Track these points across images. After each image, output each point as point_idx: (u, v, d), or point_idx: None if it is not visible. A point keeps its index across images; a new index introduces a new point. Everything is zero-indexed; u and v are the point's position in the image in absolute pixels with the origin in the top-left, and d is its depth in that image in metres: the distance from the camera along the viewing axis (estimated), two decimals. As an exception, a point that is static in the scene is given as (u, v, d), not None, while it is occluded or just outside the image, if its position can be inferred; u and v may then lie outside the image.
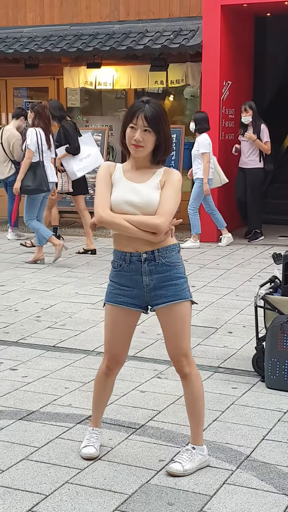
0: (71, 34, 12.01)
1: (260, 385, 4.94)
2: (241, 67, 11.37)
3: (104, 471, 3.72)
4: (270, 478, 3.66)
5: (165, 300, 3.66)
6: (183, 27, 11.35)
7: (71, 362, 5.44)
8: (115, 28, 11.86)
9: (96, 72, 11.95)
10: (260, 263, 9.05)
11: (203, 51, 10.56)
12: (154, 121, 3.55)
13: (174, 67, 11.42)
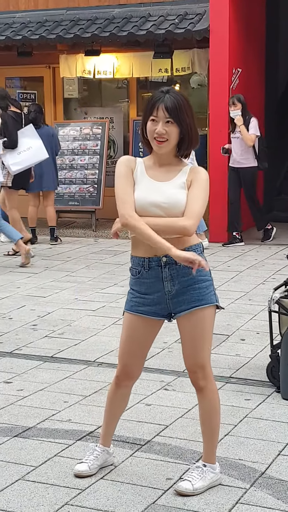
0: (67, 19, 12.03)
1: (275, 396, 4.94)
2: (252, 53, 11.37)
3: (107, 491, 3.72)
4: (287, 496, 3.65)
5: (188, 306, 3.63)
6: (189, 10, 11.36)
7: (71, 374, 5.44)
8: (115, 12, 11.87)
9: (95, 60, 11.96)
10: (275, 264, 9.04)
11: (210, 36, 10.56)
12: (176, 112, 3.52)
13: (180, 54, 11.42)
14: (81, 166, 11.93)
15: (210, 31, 10.57)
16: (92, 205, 11.82)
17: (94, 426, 4.50)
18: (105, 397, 4.93)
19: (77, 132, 12.00)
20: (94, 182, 11.85)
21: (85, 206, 11.87)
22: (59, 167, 11.63)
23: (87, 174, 11.91)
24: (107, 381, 5.26)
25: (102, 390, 5.09)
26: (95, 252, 10.20)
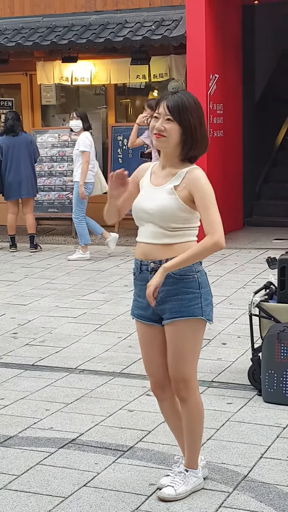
0: (44, 26, 12.03)
1: (257, 400, 4.95)
2: (229, 58, 11.42)
3: (90, 499, 3.71)
4: (270, 499, 3.66)
5: (169, 316, 3.59)
6: (165, 17, 11.39)
7: (52, 382, 5.43)
8: (92, 19, 11.89)
9: (72, 67, 11.98)
10: (255, 268, 9.08)
11: (187, 42, 10.60)
12: (178, 110, 3.51)
13: (157, 60, 11.46)
14: (60, 173, 11.92)
15: (187, 37, 10.60)
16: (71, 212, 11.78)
17: (77, 434, 4.49)
18: (88, 404, 4.95)
19: (56, 139, 12.00)
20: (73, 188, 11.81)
21: (64, 213, 11.85)
22: (38, 174, 11.62)
23: (66, 181, 11.90)
24: (89, 388, 5.26)
25: (84, 397, 5.08)
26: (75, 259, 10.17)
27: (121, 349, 6.15)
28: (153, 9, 11.69)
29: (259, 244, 10.73)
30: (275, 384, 4.84)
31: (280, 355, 4.81)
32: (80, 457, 4.18)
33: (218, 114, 11.07)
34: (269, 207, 12.55)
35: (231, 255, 10.03)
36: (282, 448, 4.22)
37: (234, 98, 11.71)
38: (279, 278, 5.11)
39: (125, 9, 11.90)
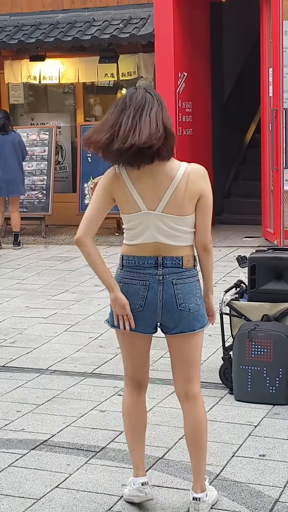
0: (11, 25, 11.98)
1: (228, 398, 4.97)
2: (197, 57, 11.45)
3: (62, 500, 3.71)
4: (242, 497, 3.69)
5: None
6: (133, 15, 11.40)
7: (23, 383, 5.41)
8: (59, 17, 11.86)
9: (40, 66, 11.95)
10: (225, 266, 9.11)
11: (155, 40, 10.62)
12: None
13: (125, 58, 11.47)
14: (29, 172, 11.87)
15: (155, 35, 10.62)
16: (41, 211, 11.79)
17: (48, 435, 4.48)
18: (59, 404, 4.94)
19: (24, 138, 11.92)
20: (42, 188, 11.81)
21: (34, 212, 11.83)
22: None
23: (35, 180, 11.87)
24: (60, 388, 5.25)
25: (55, 398, 5.08)
26: (45, 258, 10.16)
27: (92, 349, 6.15)
28: (121, 7, 11.69)
29: (229, 242, 10.78)
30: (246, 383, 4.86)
31: (251, 353, 4.84)
32: (52, 459, 4.17)
33: (187, 112, 11.10)
34: (239, 205, 12.60)
35: (201, 254, 10.03)
36: (254, 447, 4.25)
37: (203, 96, 11.75)
38: (249, 277, 5.13)
39: (92, 7, 11.89)
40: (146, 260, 3.43)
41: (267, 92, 10.29)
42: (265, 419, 4.62)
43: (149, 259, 3.43)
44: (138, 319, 3.46)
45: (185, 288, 3.46)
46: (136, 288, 3.43)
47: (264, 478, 3.88)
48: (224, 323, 5.19)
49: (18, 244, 11.01)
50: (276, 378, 4.79)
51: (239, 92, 13.36)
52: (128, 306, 3.40)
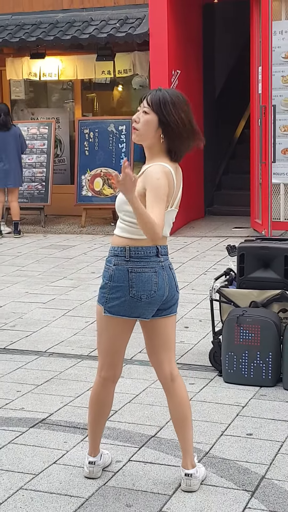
0: (12, 24, 11.91)
1: (217, 380, 4.98)
2: (190, 55, 11.41)
3: (59, 475, 3.71)
4: (230, 474, 3.70)
5: None
6: (129, 15, 11.35)
7: (23, 364, 5.41)
8: (59, 17, 11.81)
9: (40, 63, 11.89)
10: (215, 255, 9.11)
11: (150, 39, 10.57)
12: (157, 102, 3.35)
13: (121, 56, 11.43)
14: (29, 164, 11.84)
15: (150, 34, 10.57)
16: (41, 202, 11.76)
17: (46, 414, 4.48)
18: (57, 385, 4.94)
19: (25, 132, 11.88)
20: (42, 180, 11.77)
21: (34, 203, 11.80)
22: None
23: (35, 172, 11.83)
24: (58, 370, 5.25)
25: (53, 379, 5.07)
26: (44, 247, 10.14)
27: (89, 333, 6.14)
28: (117, 8, 11.64)
29: (219, 233, 10.77)
30: (234, 365, 4.87)
31: (240, 337, 4.84)
32: (50, 436, 4.17)
33: (180, 108, 11.03)
34: (229, 197, 12.59)
35: (193, 243, 10.05)
36: (242, 426, 4.26)
37: (195, 93, 11.69)
38: (238, 265, 5.13)
39: (90, 8, 11.83)
40: (151, 250, 3.43)
41: (257, 90, 10.26)
42: (252, 400, 4.63)
43: (153, 249, 3.44)
44: (148, 305, 3.44)
45: (174, 272, 3.57)
46: (148, 275, 3.41)
47: (251, 456, 3.89)
48: (214, 309, 5.19)
49: (18, 233, 11.00)
50: (263, 361, 4.79)
51: (230, 89, 13.32)
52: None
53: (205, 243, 10.06)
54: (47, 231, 11.38)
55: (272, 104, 9.67)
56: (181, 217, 11.03)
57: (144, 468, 3.77)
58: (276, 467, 3.76)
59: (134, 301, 3.41)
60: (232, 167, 13.32)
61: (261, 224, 10.14)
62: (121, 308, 3.43)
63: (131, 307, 3.42)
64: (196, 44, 11.76)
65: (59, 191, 11.94)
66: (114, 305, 3.43)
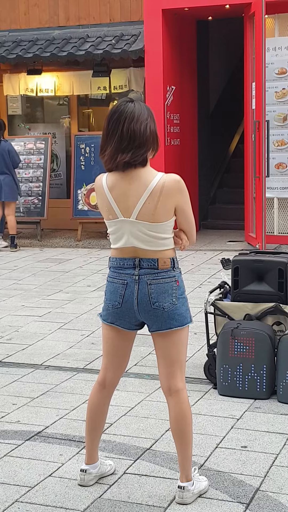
0: (10, 40, 11.96)
1: (212, 393, 4.96)
2: (185, 71, 11.46)
3: (55, 488, 3.69)
4: (225, 486, 3.68)
5: None
6: (125, 32, 11.40)
7: (19, 377, 5.39)
8: (55, 33, 11.85)
9: (37, 79, 11.94)
10: (210, 268, 9.11)
11: (145, 56, 10.62)
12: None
13: (117, 72, 11.47)
14: (26, 179, 11.85)
15: (145, 51, 10.62)
16: (37, 216, 11.77)
17: (42, 427, 4.46)
18: (53, 398, 4.92)
19: (22, 147, 11.92)
20: (38, 194, 11.78)
21: (30, 217, 11.80)
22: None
23: (32, 186, 11.84)
24: (54, 383, 5.23)
25: (49, 392, 5.05)
26: (40, 260, 10.13)
27: (84, 346, 6.13)
28: (113, 25, 11.69)
29: (214, 246, 10.78)
30: (229, 378, 4.86)
31: (234, 350, 4.83)
32: (46, 449, 4.15)
33: (175, 123, 11.10)
34: (223, 211, 12.62)
35: (187, 256, 10.06)
36: (236, 439, 4.24)
37: (190, 109, 11.75)
38: (232, 278, 5.13)
39: (86, 24, 11.88)
40: (126, 262, 3.45)
41: (250, 105, 10.30)
42: (247, 413, 4.61)
43: (128, 260, 3.44)
44: (118, 315, 3.51)
45: (160, 288, 3.43)
46: (116, 286, 3.47)
47: (246, 468, 3.87)
48: (209, 322, 5.18)
49: (15, 246, 11.00)
50: (257, 374, 4.78)
51: (224, 104, 13.39)
52: None
53: (200, 256, 10.06)
54: (44, 244, 11.38)
55: (265, 119, 9.70)
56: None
57: (140, 480, 3.75)
58: (270, 479, 3.74)
59: (106, 308, 3.56)
60: (226, 181, 13.35)
61: (255, 237, 10.15)
62: (103, 313, 3.60)
63: (107, 314, 3.56)
64: (191, 60, 11.82)
65: (56, 205, 11.96)
66: (102, 309, 3.61)
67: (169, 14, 10.63)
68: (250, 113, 10.37)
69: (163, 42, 10.55)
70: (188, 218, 3.47)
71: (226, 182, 13.35)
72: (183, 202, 3.42)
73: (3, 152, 10.85)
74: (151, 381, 5.20)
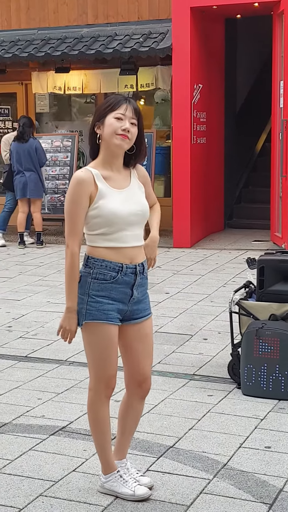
0: (38, 39, 12.01)
1: (236, 392, 4.96)
2: (212, 69, 11.43)
3: (79, 483, 3.71)
4: (248, 486, 3.68)
5: (145, 314, 3.52)
6: (153, 30, 11.40)
7: (44, 373, 5.42)
8: (84, 31, 11.88)
9: (65, 77, 11.97)
10: (235, 268, 9.09)
11: (173, 54, 10.61)
12: (138, 116, 3.41)
13: (144, 70, 11.47)
14: (52, 176, 11.91)
15: (173, 49, 10.61)
16: (63, 213, 11.74)
17: (66, 422, 4.49)
18: (77, 393, 4.95)
19: (48, 145, 11.97)
20: (64, 191, 11.82)
21: (56, 214, 11.85)
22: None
23: (58, 184, 11.89)
24: (78, 379, 5.26)
25: (73, 388, 5.08)
26: (66, 257, 10.16)
27: (109, 343, 6.13)
28: (141, 23, 11.69)
29: (239, 245, 10.75)
30: (253, 378, 4.85)
31: (258, 350, 4.82)
32: (70, 444, 4.18)
33: (201, 122, 11.08)
34: (249, 210, 12.58)
35: (212, 255, 10.05)
36: (260, 439, 4.24)
37: (217, 107, 11.73)
38: (258, 278, 5.11)
39: (115, 23, 11.89)
40: None
41: (278, 104, 10.26)
42: (271, 413, 4.60)
43: None
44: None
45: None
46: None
47: (269, 468, 3.87)
48: (233, 322, 5.18)
49: (41, 243, 11.07)
50: (282, 374, 4.77)
51: (251, 103, 13.33)
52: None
53: (225, 255, 10.05)
54: (47, 241, 11.44)
55: (293, 118, 9.65)
56: (201, 230, 11.07)
57: (162, 478, 3.77)
58: (293, 480, 3.73)
59: None
60: (253, 180, 13.30)
61: (281, 237, 10.11)
62: None
63: None
64: (218, 58, 11.79)
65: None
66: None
67: (197, 12, 10.62)
68: (277, 111, 10.33)
69: (191, 40, 10.53)
70: None
71: (252, 181, 13.30)
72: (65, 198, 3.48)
73: (30, 150, 10.92)
74: (175, 379, 5.21)
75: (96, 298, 3.42)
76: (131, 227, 3.42)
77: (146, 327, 3.55)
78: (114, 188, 3.40)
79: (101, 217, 3.36)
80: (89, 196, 3.35)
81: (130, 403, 3.63)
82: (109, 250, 3.42)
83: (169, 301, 7.48)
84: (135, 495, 3.51)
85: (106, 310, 3.42)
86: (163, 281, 8.43)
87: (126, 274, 3.43)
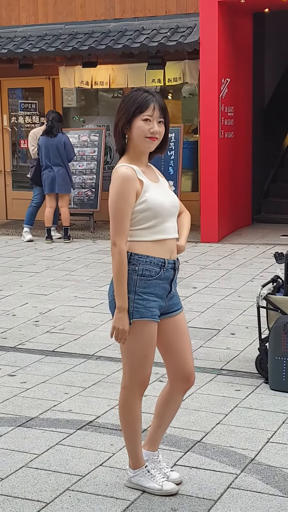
0: (65, 33, 12.02)
1: (263, 387, 4.93)
2: (240, 64, 11.37)
3: (105, 478, 3.71)
4: (276, 481, 3.65)
5: (178, 307, 3.53)
6: (180, 24, 11.35)
7: (71, 367, 5.43)
8: (111, 26, 11.87)
9: (92, 71, 11.96)
10: (262, 263, 9.04)
11: (200, 48, 10.56)
12: (165, 113, 3.40)
13: (172, 65, 11.43)
14: (79, 171, 11.92)
15: (200, 43, 10.56)
16: (90, 208, 11.83)
17: (93, 416, 4.49)
18: (104, 388, 4.95)
19: (76, 140, 11.99)
20: (92, 186, 11.85)
21: (83, 209, 11.88)
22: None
23: (85, 179, 11.91)
24: (105, 373, 5.27)
25: (100, 382, 5.09)
26: (93, 252, 10.19)
27: (136, 337, 6.13)
28: (168, 17, 11.65)
29: (267, 240, 10.69)
30: (282, 373, 4.81)
31: (286, 345, 4.79)
32: (97, 438, 4.18)
33: (229, 116, 11.02)
34: (276, 205, 12.50)
35: (240, 250, 10.00)
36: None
37: (244, 101, 11.66)
38: (286, 272, 5.08)
39: (142, 17, 11.87)
40: None
41: (306, 98, 10.17)
42: (298, 408, 4.57)
43: None
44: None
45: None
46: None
47: (297, 463, 3.84)
48: (261, 316, 5.15)
49: (68, 238, 11.11)
50: (310, 369, 4.74)
51: (279, 97, 13.24)
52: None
53: (252, 250, 9.99)
54: (96, 236, 11.44)
55: None
56: (228, 224, 11.03)
57: (190, 472, 3.76)
58: None
59: None
60: (280, 175, 13.22)
61: (309, 232, 10.03)
62: None
63: None
64: (246, 52, 11.72)
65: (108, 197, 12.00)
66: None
67: (225, 6, 10.55)
68: (306, 106, 10.24)
69: (219, 34, 10.47)
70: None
71: (280, 176, 13.22)
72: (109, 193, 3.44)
73: (58, 144, 10.95)
74: (202, 374, 5.19)
75: (143, 296, 3.39)
76: (171, 218, 3.46)
77: (182, 323, 3.54)
78: (152, 181, 3.44)
79: (150, 210, 3.37)
80: (136, 192, 3.36)
81: (172, 395, 3.60)
82: (154, 243, 3.40)
83: (197, 296, 7.46)
84: (163, 490, 3.51)
85: (151, 308, 3.41)
86: (191, 275, 8.41)
87: (167, 269, 3.43)
